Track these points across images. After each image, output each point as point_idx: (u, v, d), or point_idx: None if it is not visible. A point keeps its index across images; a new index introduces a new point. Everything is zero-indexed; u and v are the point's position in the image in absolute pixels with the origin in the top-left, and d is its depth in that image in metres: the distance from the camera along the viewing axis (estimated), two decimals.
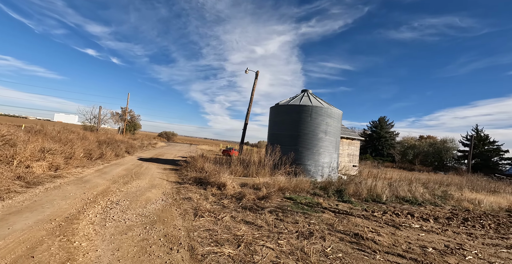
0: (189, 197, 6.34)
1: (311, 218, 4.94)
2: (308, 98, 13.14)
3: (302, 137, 11.84)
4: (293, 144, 11.89)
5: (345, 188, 7.96)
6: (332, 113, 12.09)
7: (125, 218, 4.27)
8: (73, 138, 14.72)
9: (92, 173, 8.59)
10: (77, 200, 5.02)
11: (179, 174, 10.60)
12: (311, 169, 11.61)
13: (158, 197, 6.22)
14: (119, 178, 8.24)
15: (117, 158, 14.68)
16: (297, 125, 11.99)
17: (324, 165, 11.79)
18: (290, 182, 7.92)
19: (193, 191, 7.17)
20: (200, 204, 5.59)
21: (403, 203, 7.38)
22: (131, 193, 6.24)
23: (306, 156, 11.70)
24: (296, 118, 12.06)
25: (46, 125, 17.72)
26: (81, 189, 6.06)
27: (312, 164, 11.66)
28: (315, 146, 11.72)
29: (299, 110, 11.99)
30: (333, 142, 12.19)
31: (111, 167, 10.98)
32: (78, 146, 12.65)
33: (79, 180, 7.22)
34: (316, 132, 11.77)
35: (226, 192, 6.88)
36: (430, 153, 43.98)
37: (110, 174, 8.81)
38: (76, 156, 11.11)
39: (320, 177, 11.49)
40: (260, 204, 5.87)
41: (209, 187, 7.44)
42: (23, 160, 7.09)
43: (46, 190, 5.57)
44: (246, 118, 16.50)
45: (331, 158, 12.07)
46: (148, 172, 10.31)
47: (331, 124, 12.05)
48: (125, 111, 39.30)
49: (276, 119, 13.21)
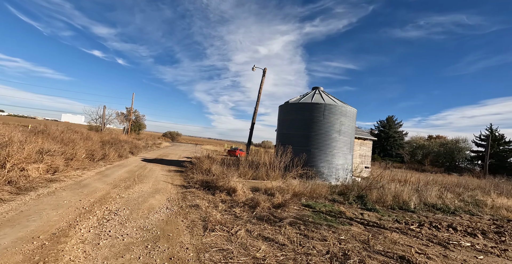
0: (197, 204, 5.69)
1: (339, 233, 4.21)
2: (320, 96, 12.36)
3: (315, 137, 11.08)
4: (304, 145, 11.15)
5: (367, 194, 7.19)
6: (347, 112, 11.29)
7: (123, 233, 3.62)
8: (76, 138, 14.28)
9: (92, 176, 8.04)
10: (70, 210, 4.41)
11: (184, 177, 9.98)
12: (325, 171, 10.84)
13: (163, 204, 5.59)
14: (121, 181, 7.66)
15: (121, 158, 14.18)
16: (309, 124, 11.24)
17: (338, 167, 11.01)
18: (306, 187, 7.19)
19: (200, 196, 6.52)
20: (209, 213, 4.93)
21: (434, 211, 6.56)
22: (132, 200, 5.62)
23: (318, 157, 10.94)
24: (307, 117, 11.31)
25: (50, 125, 17.38)
26: (77, 195, 5.47)
27: (326, 166, 10.89)
28: (329, 146, 10.95)
29: (311, 109, 11.24)
30: (348, 142, 11.39)
31: (114, 168, 10.45)
32: (80, 146, 12.17)
33: (77, 184, 6.65)
34: (330, 132, 11.00)
35: (237, 198, 6.20)
36: (441, 153, 42.50)
37: (111, 177, 8.24)
38: (78, 157, 10.61)
39: (334, 180, 10.71)
40: (277, 214, 5.17)
41: (217, 192, 6.78)
42: (17, 162, 6.55)
43: (38, 197, 4.98)
44: (254, 118, 15.81)
45: (345, 159, 11.28)
46: (152, 175, 9.72)
47: (345, 124, 11.25)
48: (130, 112, 39.11)
49: (286, 118, 12.48)
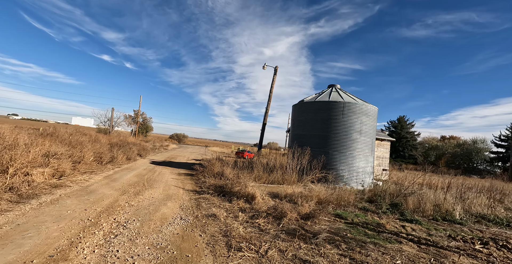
0: (213, 213, 5.06)
1: (392, 255, 3.47)
2: (337, 93, 11.60)
3: (333, 137, 10.32)
4: (322, 146, 10.40)
5: (402, 202, 6.37)
6: (368, 111, 10.49)
7: (133, 254, 3.02)
8: (84, 141, 14.00)
9: (100, 180, 7.56)
10: (73, 222, 3.86)
11: (195, 181, 9.41)
12: (345, 175, 10.05)
13: (176, 213, 4.99)
14: (130, 186, 7.14)
15: (129, 161, 13.79)
16: (327, 124, 10.50)
17: (359, 169, 10.20)
18: (331, 193, 6.45)
19: (216, 204, 5.89)
20: (230, 226, 4.29)
21: (486, 223, 5.67)
22: (142, 208, 5.05)
23: (338, 159, 10.16)
24: (325, 117, 10.58)
25: (59, 128, 17.27)
26: (82, 204, 4.94)
27: (346, 168, 10.10)
28: (349, 148, 10.16)
29: (329, 108, 10.50)
30: (369, 143, 10.57)
31: (122, 172, 9.99)
32: (88, 149, 11.83)
33: (84, 190, 6.16)
34: (350, 132, 10.22)
35: (257, 206, 5.53)
36: (458, 154, 40.56)
37: (120, 182, 7.74)
38: (85, 160, 10.23)
39: (355, 184, 9.90)
40: (308, 227, 4.47)
41: (234, 199, 6.14)
42: (20, 166, 6.13)
43: (39, 206, 4.48)
44: (265, 118, 15.17)
45: (367, 161, 10.45)
46: (162, 178, 9.20)
47: (367, 123, 10.45)
48: (138, 114, 39.22)
49: (301, 118, 11.78)
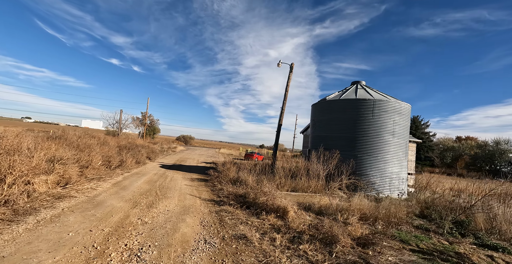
0: (243, 234, 4.15)
1: None
2: (364, 90, 10.55)
3: (362, 139, 9.27)
4: (349, 149, 9.36)
5: (469, 220, 5.23)
6: (401, 109, 9.39)
7: None
8: (92, 144, 13.44)
9: (108, 189, 6.80)
10: (74, 252, 3.03)
11: (211, 188, 8.55)
12: (376, 181, 8.97)
13: (197, 232, 4.12)
14: (141, 196, 6.34)
15: (138, 165, 13.12)
16: (354, 125, 9.46)
17: (393, 175, 9.08)
18: (376, 206, 5.42)
19: (241, 219, 4.99)
20: (269, 255, 3.36)
21: None
22: (158, 227, 4.20)
23: (368, 164, 9.09)
24: (352, 116, 9.54)
25: (68, 131, 16.89)
26: (87, 221, 4.13)
27: (377, 174, 9.02)
28: (381, 150, 9.08)
29: (357, 106, 9.46)
30: (403, 146, 9.45)
31: (132, 177, 9.26)
32: (97, 152, 11.20)
33: (90, 201, 5.38)
34: (381, 133, 9.14)
35: (293, 224, 4.59)
36: (479, 156, 38.30)
37: (130, 190, 6.96)
38: (93, 165, 9.56)
39: (388, 192, 8.80)
40: (371, 258, 3.47)
41: (262, 214, 5.21)
42: (20, 174, 5.42)
43: (36, 226, 3.69)
44: (280, 119, 14.20)
45: (400, 166, 9.33)
46: (175, 185, 8.39)
47: (400, 123, 9.34)
48: (145, 116, 39.02)
49: (323, 118, 10.78)
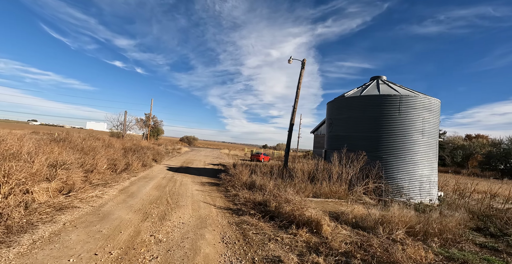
0: (276, 256, 3.46)
1: None
2: (387, 86, 9.75)
3: (387, 139, 8.49)
4: (371, 150, 8.59)
5: None
6: (431, 105, 8.58)
7: None
8: (97, 146, 12.93)
9: (115, 197, 6.18)
10: None
11: (224, 193, 7.89)
12: (404, 185, 8.18)
13: (221, 254, 3.44)
14: (151, 205, 5.70)
15: (145, 168, 12.54)
16: (378, 123, 8.69)
17: (423, 179, 8.28)
18: (426, 218, 4.65)
19: (268, 234, 4.30)
20: None
21: None
22: (175, 247, 3.54)
23: (395, 166, 8.31)
24: (375, 114, 8.77)
25: (72, 133, 16.45)
26: (92, 241, 3.49)
27: (405, 177, 8.23)
28: (409, 151, 8.29)
29: (381, 103, 8.69)
30: (433, 146, 8.64)
31: (139, 182, 8.65)
32: (102, 155, 10.64)
33: (95, 213, 4.75)
34: (409, 132, 8.35)
35: (333, 243, 3.86)
36: (493, 154, 36.92)
37: (139, 198, 6.33)
38: (99, 169, 8.99)
39: (419, 197, 8.01)
40: None
41: (291, 227, 4.51)
42: (18, 183, 4.82)
43: (31, 248, 3.06)
44: (292, 118, 13.48)
45: (431, 168, 8.52)
46: (186, 191, 7.74)
47: (430, 121, 8.53)
48: (149, 117, 38.68)
49: (341, 116, 10.02)
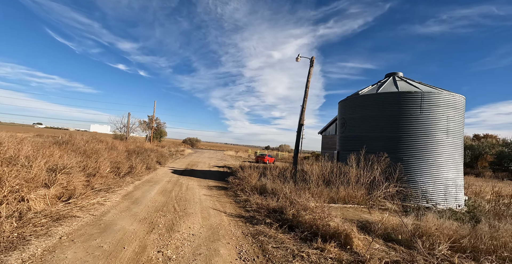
0: None
1: None
2: (405, 82, 9.16)
3: (407, 139, 7.90)
4: (390, 151, 7.99)
5: None
6: (456, 102, 7.97)
7: None
8: (100, 148, 12.55)
9: (117, 203, 5.70)
10: None
11: (233, 198, 7.37)
12: (428, 189, 7.55)
13: None
14: (157, 213, 5.20)
15: (149, 171, 12.10)
16: (397, 122, 8.10)
17: (449, 182, 7.65)
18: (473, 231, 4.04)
19: (290, 248, 3.76)
20: None
21: None
22: None
23: (417, 168, 7.70)
24: (394, 113, 8.19)
25: (75, 135, 16.15)
26: (91, 260, 2.98)
27: (429, 181, 7.60)
28: (432, 152, 7.67)
29: (400, 100, 8.11)
30: (458, 146, 8.01)
31: (143, 187, 8.18)
32: (105, 158, 10.24)
33: (95, 223, 4.26)
34: (433, 131, 7.75)
35: (370, 263, 3.31)
36: (505, 154, 35.82)
37: (143, 204, 5.84)
38: (101, 172, 8.56)
39: (444, 202, 7.37)
40: None
41: (316, 240, 3.96)
42: (12, 190, 4.37)
43: None
44: (301, 118, 12.93)
45: (457, 170, 7.88)
46: (193, 196, 7.24)
47: (455, 119, 7.92)
48: (152, 119, 38.49)
49: (356, 116, 9.45)
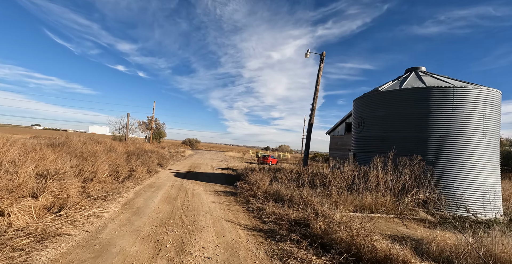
0: None
1: None
2: (431, 77, 8.40)
3: (438, 139, 7.12)
4: (418, 152, 7.20)
5: None
6: (492, 98, 7.20)
7: None
8: (98, 150, 11.76)
9: (116, 215, 4.90)
10: None
11: (245, 205, 6.57)
12: (463, 196, 6.76)
13: None
14: (163, 227, 4.39)
15: (150, 174, 11.29)
16: (425, 121, 7.33)
17: (486, 188, 6.85)
18: None
19: None
20: None
21: None
22: None
23: (449, 172, 6.91)
24: (421, 110, 7.42)
25: (72, 137, 15.34)
26: None
27: (465, 186, 6.81)
28: (468, 154, 6.89)
29: (429, 97, 7.34)
30: (496, 147, 7.23)
31: (145, 193, 7.37)
32: (103, 161, 9.44)
33: (89, 244, 3.46)
34: (467, 131, 6.98)
35: None
36: None
37: (146, 215, 5.03)
38: (99, 176, 7.77)
39: (482, 210, 6.59)
40: None
41: None
42: None
43: None
44: (311, 117, 12.17)
45: (495, 174, 7.09)
46: (201, 204, 6.43)
47: (492, 117, 7.15)
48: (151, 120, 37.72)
49: (375, 114, 8.67)
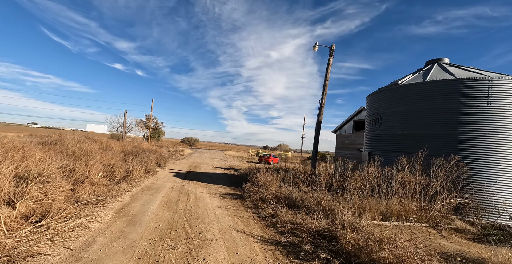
0: None
1: None
2: (458, 68, 7.65)
3: (470, 137, 6.39)
4: (446, 152, 6.47)
5: None
6: None
7: None
8: (93, 149, 10.93)
9: (108, 225, 4.11)
10: None
11: (254, 211, 5.81)
12: (503, 201, 6.03)
13: None
14: (163, 241, 3.61)
15: (148, 175, 10.50)
16: (455, 117, 6.59)
17: None
18: None
19: None
20: None
21: None
22: None
23: (484, 174, 6.18)
24: (450, 105, 6.68)
25: (65, 135, 14.49)
26: None
27: (503, 190, 6.08)
28: (506, 154, 6.16)
29: (459, 90, 6.59)
30: None
31: (142, 196, 6.58)
32: (97, 160, 8.64)
33: None
34: (505, 128, 6.24)
35: None
36: None
37: (144, 225, 4.25)
38: (92, 178, 6.98)
39: None
40: None
41: None
42: None
43: None
44: (320, 115, 11.42)
45: None
46: (206, 209, 5.66)
47: None
48: (150, 119, 36.79)
49: (394, 110, 7.92)
